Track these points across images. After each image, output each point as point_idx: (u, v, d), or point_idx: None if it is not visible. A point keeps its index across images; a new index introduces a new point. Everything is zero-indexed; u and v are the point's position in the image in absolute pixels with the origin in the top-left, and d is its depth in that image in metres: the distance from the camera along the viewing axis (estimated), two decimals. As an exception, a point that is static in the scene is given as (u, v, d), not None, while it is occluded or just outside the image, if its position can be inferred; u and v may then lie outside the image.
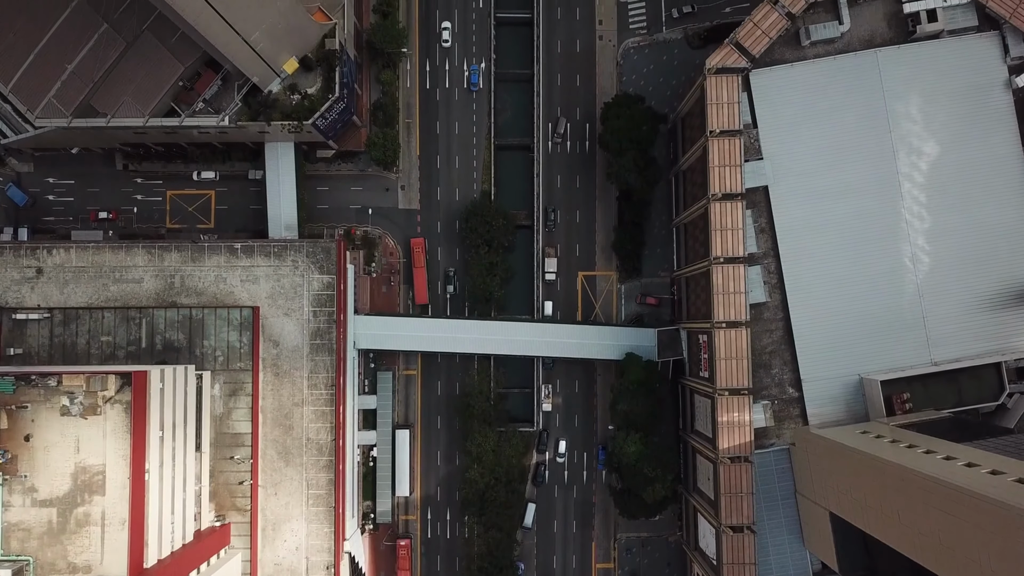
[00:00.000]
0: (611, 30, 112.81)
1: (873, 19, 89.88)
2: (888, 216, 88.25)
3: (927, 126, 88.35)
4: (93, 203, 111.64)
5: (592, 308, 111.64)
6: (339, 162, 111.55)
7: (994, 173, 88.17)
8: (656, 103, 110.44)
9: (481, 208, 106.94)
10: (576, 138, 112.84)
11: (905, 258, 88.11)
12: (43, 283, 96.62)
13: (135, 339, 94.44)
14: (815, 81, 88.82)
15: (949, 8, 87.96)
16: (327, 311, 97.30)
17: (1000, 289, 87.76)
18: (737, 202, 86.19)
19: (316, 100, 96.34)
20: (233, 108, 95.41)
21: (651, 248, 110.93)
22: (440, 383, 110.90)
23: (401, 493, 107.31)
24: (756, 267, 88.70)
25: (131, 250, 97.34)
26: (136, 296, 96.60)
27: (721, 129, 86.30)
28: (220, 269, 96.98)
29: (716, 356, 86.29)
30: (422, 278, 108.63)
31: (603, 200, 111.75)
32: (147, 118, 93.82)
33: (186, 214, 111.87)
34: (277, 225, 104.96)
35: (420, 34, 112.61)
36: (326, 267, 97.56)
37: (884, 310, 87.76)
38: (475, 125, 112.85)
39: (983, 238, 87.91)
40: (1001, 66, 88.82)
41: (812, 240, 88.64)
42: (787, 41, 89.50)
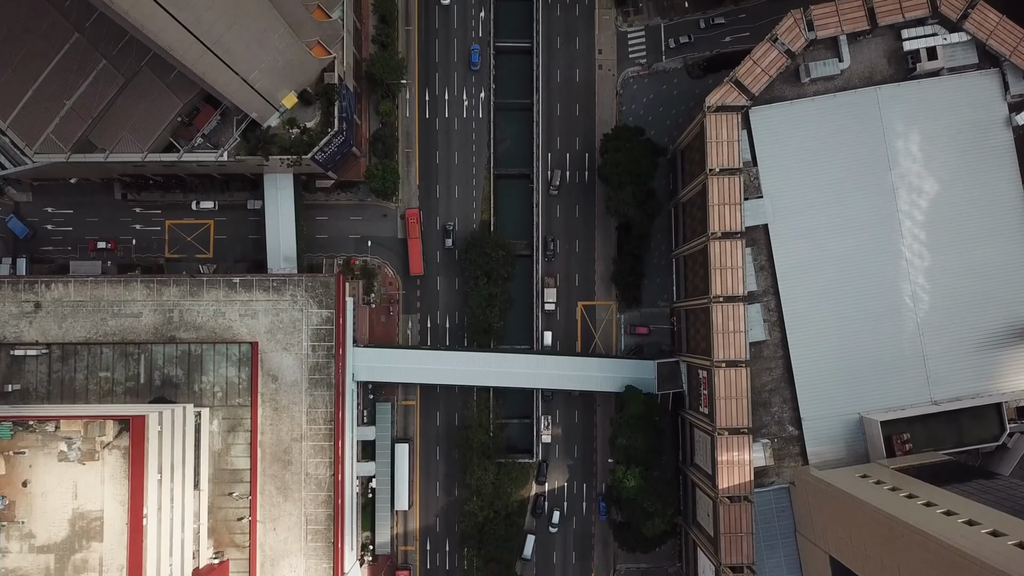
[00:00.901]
0: (611, 60, 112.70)
1: (873, 56, 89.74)
2: (888, 254, 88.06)
3: (927, 164, 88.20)
4: (92, 233, 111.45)
5: (592, 338, 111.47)
6: (338, 192, 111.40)
7: (994, 211, 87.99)
8: (656, 133, 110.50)
9: (480, 240, 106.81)
10: (575, 168, 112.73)
11: (905, 296, 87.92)
12: (41, 317, 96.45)
13: (133, 375, 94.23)
14: (815, 118, 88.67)
15: (949, 46, 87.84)
16: (326, 346, 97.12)
17: (1000, 327, 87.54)
18: (737, 240, 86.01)
19: (315, 135, 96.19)
20: (232, 143, 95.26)
21: (650, 278, 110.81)
22: (439, 413, 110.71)
23: (400, 507, 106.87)
24: (756, 305, 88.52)
25: (130, 284, 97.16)
26: (135, 330, 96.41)
27: (721, 167, 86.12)
28: (219, 303, 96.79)
29: (716, 395, 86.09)
30: (417, 249, 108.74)
31: (603, 230, 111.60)
32: (146, 153, 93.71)
33: (185, 244, 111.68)
34: (276, 257, 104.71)
35: (419, 64, 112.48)
36: (325, 302, 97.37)
37: (884, 348, 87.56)
38: (474, 155, 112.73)
39: (983, 276, 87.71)
40: (1001, 103, 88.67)
41: (812, 278, 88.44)
42: (787, 78, 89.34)
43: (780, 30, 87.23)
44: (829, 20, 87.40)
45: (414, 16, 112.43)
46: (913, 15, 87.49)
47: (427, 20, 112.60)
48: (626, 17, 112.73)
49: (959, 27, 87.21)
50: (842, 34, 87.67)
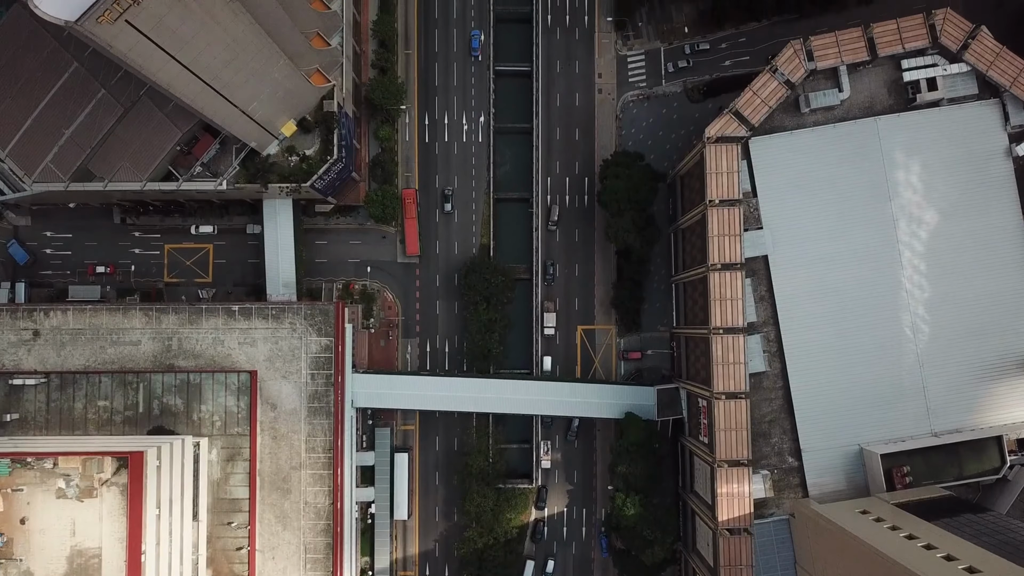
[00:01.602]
0: (610, 84, 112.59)
1: (873, 86, 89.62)
2: (888, 285, 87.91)
3: (927, 194, 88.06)
4: (91, 257, 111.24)
5: (591, 362, 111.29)
6: (338, 216, 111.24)
7: (995, 242, 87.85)
8: (655, 157, 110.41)
9: (480, 265, 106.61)
10: (575, 192, 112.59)
11: (905, 327, 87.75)
12: (40, 345, 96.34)
13: (132, 404, 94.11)
14: (815, 149, 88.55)
15: (949, 76, 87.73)
16: (325, 374, 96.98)
17: (1001, 358, 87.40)
18: (737, 272, 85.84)
19: (314, 162, 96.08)
20: (231, 172, 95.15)
21: (650, 303, 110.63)
22: (438, 438, 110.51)
23: (399, 517, 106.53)
24: (756, 336, 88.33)
25: (128, 312, 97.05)
26: (133, 358, 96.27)
27: (720, 199, 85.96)
28: (218, 331, 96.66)
29: (716, 426, 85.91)
30: (413, 228, 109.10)
31: (602, 254, 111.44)
32: (145, 182, 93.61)
33: (184, 268, 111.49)
34: (275, 283, 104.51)
35: (419, 88, 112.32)
36: (324, 330, 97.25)
37: (884, 379, 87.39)
38: (474, 179, 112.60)
39: (984, 307, 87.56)
40: (1001, 134, 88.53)
41: (812, 308, 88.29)
42: (787, 108, 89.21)
43: (780, 61, 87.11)
44: (829, 51, 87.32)
45: (413, 40, 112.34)
46: (913, 46, 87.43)
47: (426, 44, 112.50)
48: (626, 41, 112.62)
49: (959, 58, 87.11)
50: (842, 65, 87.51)
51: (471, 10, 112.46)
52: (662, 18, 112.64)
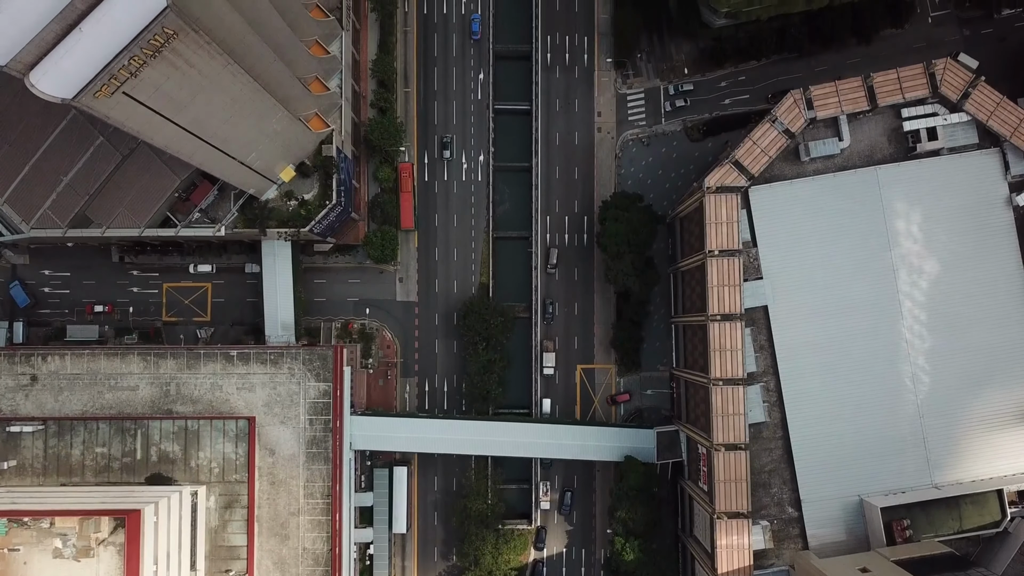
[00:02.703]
0: (610, 122, 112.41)
1: (873, 134, 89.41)
2: (888, 335, 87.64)
3: (927, 244, 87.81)
4: (89, 295, 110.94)
5: (591, 401, 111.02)
6: (337, 255, 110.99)
7: (995, 292, 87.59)
8: (655, 196, 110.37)
9: (478, 306, 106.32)
10: (574, 231, 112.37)
11: (905, 378, 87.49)
12: (38, 390, 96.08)
13: (130, 450, 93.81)
14: (815, 198, 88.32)
15: (949, 126, 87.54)
16: (323, 419, 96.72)
17: (1001, 409, 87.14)
18: (736, 323, 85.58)
19: (313, 207, 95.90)
20: (229, 218, 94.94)
21: (650, 342, 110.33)
22: (437, 477, 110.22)
23: (398, 530, 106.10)
24: (755, 386, 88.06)
25: (127, 357, 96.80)
26: (131, 403, 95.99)
27: (720, 249, 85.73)
28: (216, 376, 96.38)
29: (715, 478, 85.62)
30: (408, 203, 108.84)
31: (602, 293, 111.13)
32: (143, 229, 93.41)
33: (182, 307, 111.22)
34: (274, 324, 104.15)
35: (418, 126, 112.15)
36: (323, 375, 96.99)
37: (884, 430, 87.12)
38: (473, 218, 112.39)
39: (984, 357, 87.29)
40: (1002, 183, 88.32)
41: (812, 358, 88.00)
42: (786, 156, 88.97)
43: (779, 111, 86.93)
44: (829, 100, 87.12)
45: (413, 79, 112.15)
46: (913, 95, 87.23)
47: (426, 82, 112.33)
48: (625, 80, 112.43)
49: (959, 107, 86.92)
50: (842, 114, 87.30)
51: (470, 49, 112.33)
52: (662, 57, 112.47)
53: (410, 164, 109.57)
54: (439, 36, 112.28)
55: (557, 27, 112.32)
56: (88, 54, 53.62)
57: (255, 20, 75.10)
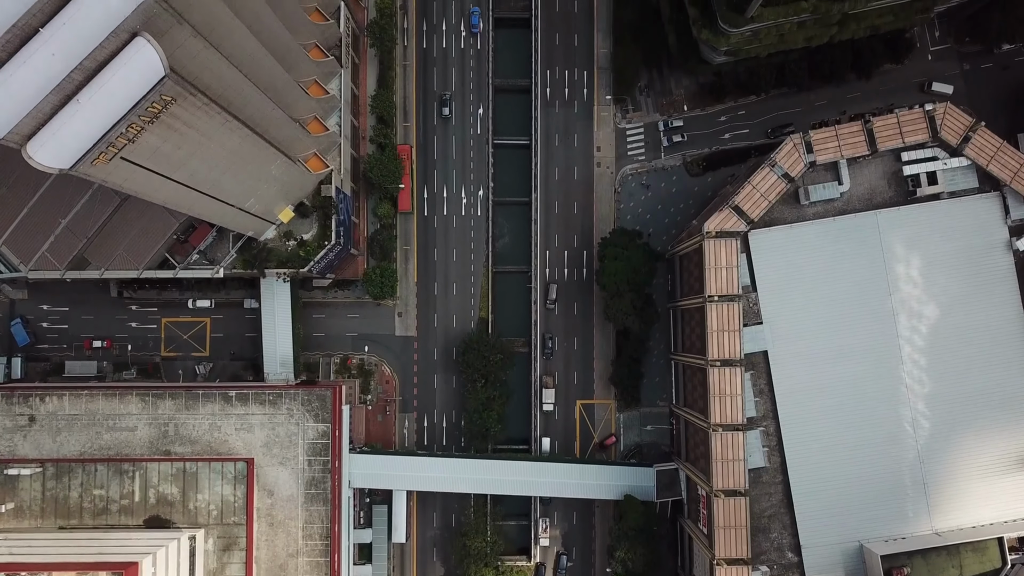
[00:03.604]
0: (609, 157, 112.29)
1: (873, 178, 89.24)
2: (888, 380, 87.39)
3: (927, 288, 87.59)
4: (88, 331, 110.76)
5: (591, 437, 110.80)
6: (336, 289, 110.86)
7: (995, 337, 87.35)
8: (654, 230, 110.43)
9: (478, 343, 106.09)
10: (574, 265, 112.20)
11: (905, 423, 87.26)
12: (36, 431, 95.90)
13: (128, 492, 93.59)
14: (815, 242, 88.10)
15: (949, 170, 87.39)
16: (322, 460, 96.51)
17: (1003, 455, 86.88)
18: (736, 368, 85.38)
19: (312, 248, 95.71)
20: (228, 259, 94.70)
21: (649, 377, 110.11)
22: (436, 514, 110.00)
23: (397, 540, 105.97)
24: (755, 431, 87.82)
25: (125, 397, 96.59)
26: (130, 444, 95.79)
27: (720, 295, 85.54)
28: (214, 417, 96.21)
29: (715, 523, 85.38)
30: (406, 184, 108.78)
31: (601, 328, 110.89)
32: (141, 270, 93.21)
33: (181, 342, 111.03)
34: (273, 361, 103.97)
35: (418, 161, 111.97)
36: (321, 416, 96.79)
37: (884, 475, 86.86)
38: (473, 252, 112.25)
39: (984, 402, 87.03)
40: (1002, 227, 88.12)
41: (812, 403, 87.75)
42: (786, 199, 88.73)
43: (779, 155, 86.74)
44: (828, 144, 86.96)
45: (412, 113, 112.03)
46: (913, 140, 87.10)
47: (425, 117, 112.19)
48: (625, 114, 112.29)
49: (959, 152, 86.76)
50: (842, 159, 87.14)
51: (470, 83, 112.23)
52: (661, 92, 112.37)
53: (409, 147, 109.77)
54: (438, 70, 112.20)
55: (556, 62, 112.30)
56: (86, 125, 53.46)
57: (254, 69, 75.05)
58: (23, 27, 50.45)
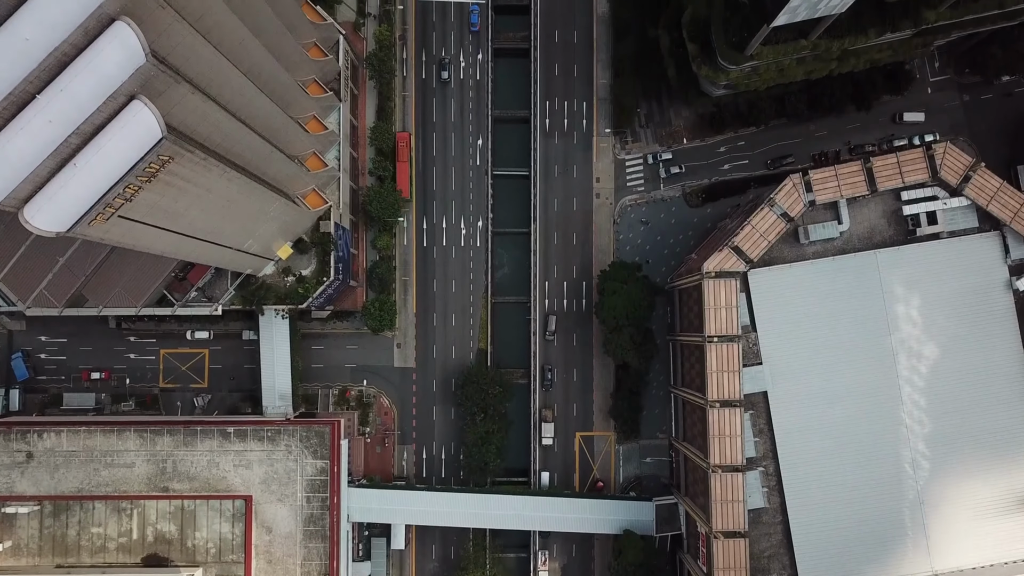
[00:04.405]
0: (608, 188, 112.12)
1: (873, 217, 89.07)
2: (888, 420, 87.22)
3: (927, 328, 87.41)
4: (86, 362, 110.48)
5: (590, 469, 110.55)
6: (335, 320, 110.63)
7: (995, 376, 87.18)
8: (653, 262, 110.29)
9: (477, 376, 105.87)
10: (573, 296, 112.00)
11: (905, 463, 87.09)
12: (33, 468, 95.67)
13: (126, 531, 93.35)
14: (814, 282, 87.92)
15: (949, 210, 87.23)
16: (321, 497, 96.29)
17: (1002, 496, 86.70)
18: (736, 409, 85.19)
19: (311, 284, 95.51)
20: (227, 296, 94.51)
21: (649, 409, 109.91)
22: (435, 546, 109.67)
23: (396, 546, 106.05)
24: (755, 472, 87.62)
25: (123, 434, 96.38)
26: (128, 481, 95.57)
27: (719, 335, 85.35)
28: (213, 453, 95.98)
29: (715, 564, 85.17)
30: (405, 172, 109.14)
31: (600, 359, 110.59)
32: (139, 308, 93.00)
33: (180, 373, 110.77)
34: (271, 395, 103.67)
35: (417, 192, 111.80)
36: (320, 452, 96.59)
37: (884, 516, 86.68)
38: (472, 283, 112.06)
39: (984, 443, 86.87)
40: (1002, 266, 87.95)
41: (811, 443, 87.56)
42: (786, 238, 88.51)
43: (779, 195, 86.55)
44: (828, 185, 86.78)
45: (412, 145, 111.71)
46: (913, 179, 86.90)
47: (424, 148, 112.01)
48: (624, 145, 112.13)
49: (959, 192, 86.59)
50: (841, 198, 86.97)
51: (469, 114, 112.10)
52: (660, 123, 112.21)
53: (407, 134, 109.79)
54: (437, 101, 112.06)
55: (556, 92, 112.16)
56: (83, 188, 53.28)
57: (252, 113, 74.92)
58: (20, 94, 50.26)
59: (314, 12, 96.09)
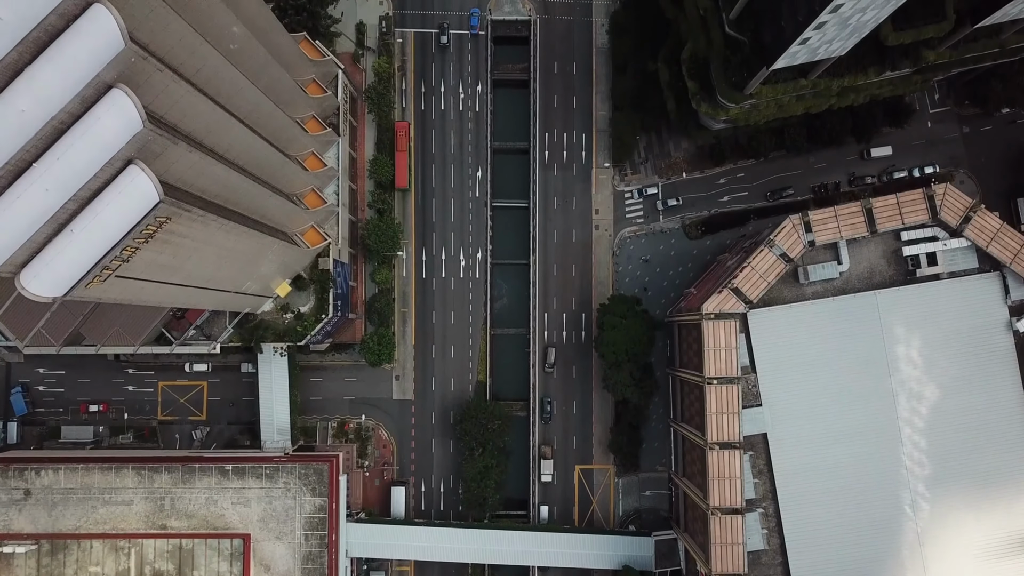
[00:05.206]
0: (607, 220, 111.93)
1: (872, 257, 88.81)
2: (888, 461, 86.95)
3: (927, 370, 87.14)
4: (84, 394, 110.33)
5: (589, 502, 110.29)
6: (333, 353, 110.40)
7: (995, 418, 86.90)
8: (653, 293, 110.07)
9: (475, 411, 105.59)
10: (572, 328, 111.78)
11: (905, 505, 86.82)
12: (31, 505, 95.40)
13: (124, 570, 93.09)
14: (814, 322, 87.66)
15: (949, 251, 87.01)
16: (319, 534, 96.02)
17: (1002, 537, 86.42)
18: (735, 451, 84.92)
19: (309, 321, 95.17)
20: (225, 335, 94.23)
21: (648, 442, 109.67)
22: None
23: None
24: (754, 513, 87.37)
25: (121, 471, 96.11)
26: (125, 518, 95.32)
27: (719, 377, 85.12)
28: (211, 491, 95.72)
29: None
30: (403, 161, 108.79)
31: (600, 391, 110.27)
32: (137, 347, 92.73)
33: (178, 405, 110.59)
34: (270, 429, 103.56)
35: (416, 223, 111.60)
36: (318, 489, 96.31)
37: (884, 557, 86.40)
38: (471, 314, 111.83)
39: (984, 485, 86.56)
40: (1002, 307, 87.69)
41: (811, 484, 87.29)
42: (785, 279, 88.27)
43: (778, 236, 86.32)
44: (828, 226, 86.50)
45: (410, 176, 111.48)
46: (913, 220, 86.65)
47: (423, 180, 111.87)
48: (623, 177, 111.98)
49: (959, 233, 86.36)
50: (841, 239, 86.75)
51: (468, 146, 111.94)
52: (660, 154, 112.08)
53: (407, 123, 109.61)
54: (436, 133, 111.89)
55: (555, 124, 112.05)
56: (80, 254, 52.91)
57: (251, 159, 74.79)
58: (16, 163, 50.00)
59: (313, 49, 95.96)
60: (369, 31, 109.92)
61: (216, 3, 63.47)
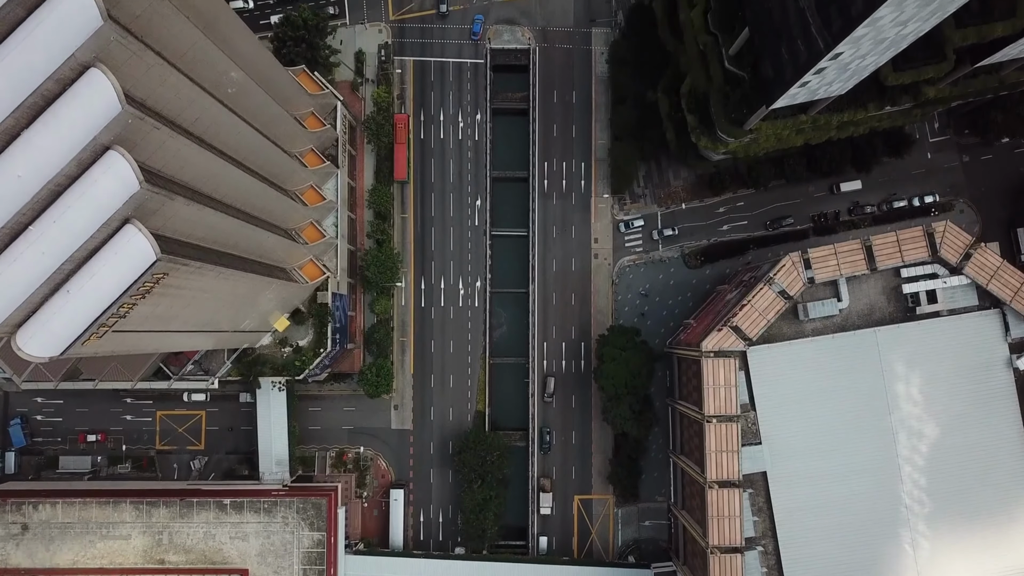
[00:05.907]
0: (607, 248, 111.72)
1: (872, 293, 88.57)
2: (888, 500, 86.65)
3: (927, 407, 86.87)
4: (82, 423, 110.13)
5: (588, 532, 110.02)
6: (332, 382, 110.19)
7: (995, 455, 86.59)
8: (652, 323, 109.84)
9: (474, 442, 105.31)
10: (571, 357, 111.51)
11: (905, 543, 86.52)
12: (28, 540, 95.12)
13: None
14: (814, 360, 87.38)
15: (948, 289, 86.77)
16: (318, 568, 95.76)
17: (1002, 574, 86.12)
18: (735, 490, 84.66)
19: (308, 355, 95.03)
20: (223, 370, 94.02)
21: (648, 472, 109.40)
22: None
23: None
24: (754, 551, 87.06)
25: (118, 505, 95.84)
26: (123, 553, 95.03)
27: (718, 415, 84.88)
28: (209, 525, 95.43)
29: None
30: (402, 154, 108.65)
31: (599, 421, 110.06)
32: (135, 383, 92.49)
33: (176, 435, 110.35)
34: (268, 460, 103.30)
35: (415, 252, 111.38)
36: (317, 524, 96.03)
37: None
38: (470, 343, 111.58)
39: (985, 522, 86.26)
40: (1002, 344, 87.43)
41: (811, 522, 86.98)
42: (785, 316, 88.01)
43: (778, 274, 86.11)
44: (827, 263, 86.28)
45: (410, 204, 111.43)
46: (913, 258, 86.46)
47: (423, 209, 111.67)
48: (623, 206, 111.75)
49: (959, 270, 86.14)
50: (841, 276, 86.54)
51: (468, 175, 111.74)
52: (659, 183, 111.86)
53: (406, 116, 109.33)
54: (436, 161, 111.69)
55: (554, 153, 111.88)
56: (76, 314, 52.81)
57: (250, 201, 74.63)
58: (13, 226, 49.81)
59: (312, 82, 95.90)
60: (368, 59, 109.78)
61: (214, 51, 63.32)
